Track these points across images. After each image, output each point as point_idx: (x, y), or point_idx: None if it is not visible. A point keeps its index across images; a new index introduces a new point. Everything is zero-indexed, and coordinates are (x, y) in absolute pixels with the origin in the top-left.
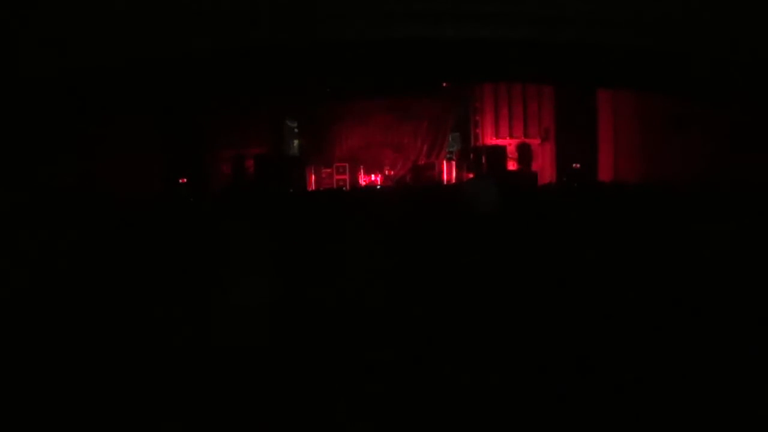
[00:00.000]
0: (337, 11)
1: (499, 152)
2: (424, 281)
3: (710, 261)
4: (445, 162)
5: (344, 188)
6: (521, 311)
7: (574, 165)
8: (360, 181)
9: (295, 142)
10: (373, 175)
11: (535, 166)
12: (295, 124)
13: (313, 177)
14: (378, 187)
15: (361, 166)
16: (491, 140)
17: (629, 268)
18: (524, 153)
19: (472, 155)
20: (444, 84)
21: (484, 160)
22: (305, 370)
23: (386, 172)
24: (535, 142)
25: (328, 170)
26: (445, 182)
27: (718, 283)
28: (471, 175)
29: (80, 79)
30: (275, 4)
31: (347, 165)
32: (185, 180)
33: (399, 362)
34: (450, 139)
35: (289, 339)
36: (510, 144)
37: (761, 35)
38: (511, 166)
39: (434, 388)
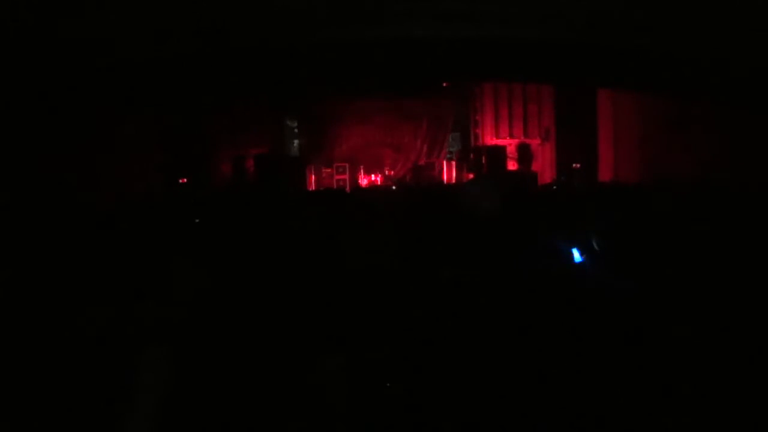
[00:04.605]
0: (337, 11)
1: (499, 152)
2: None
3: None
4: (445, 162)
5: (344, 188)
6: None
7: (574, 165)
8: (360, 181)
9: (295, 142)
10: (373, 175)
11: (535, 166)
12: (295, 124)
13: (313, 177)
14: (378, 186)
15: (361, 166)
16: (491, 140)
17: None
18: (524, 153)
19: (472, 155)
20: (444, 84)
21: (484, 160)
22: (304, 369)
23: (386, 172)
24: (535, 142)
25: (328, 170)
26: (445, 182)
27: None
28: (471, 175)
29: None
30: (275, 4)
31: (347, 165)
32: (185, 180)
33: (398, 363)
34: (450, 139)
35: (289, 338)
36: (510, 144)
37: (761, 36)
38: (511, 166)
39: (433, 389)
